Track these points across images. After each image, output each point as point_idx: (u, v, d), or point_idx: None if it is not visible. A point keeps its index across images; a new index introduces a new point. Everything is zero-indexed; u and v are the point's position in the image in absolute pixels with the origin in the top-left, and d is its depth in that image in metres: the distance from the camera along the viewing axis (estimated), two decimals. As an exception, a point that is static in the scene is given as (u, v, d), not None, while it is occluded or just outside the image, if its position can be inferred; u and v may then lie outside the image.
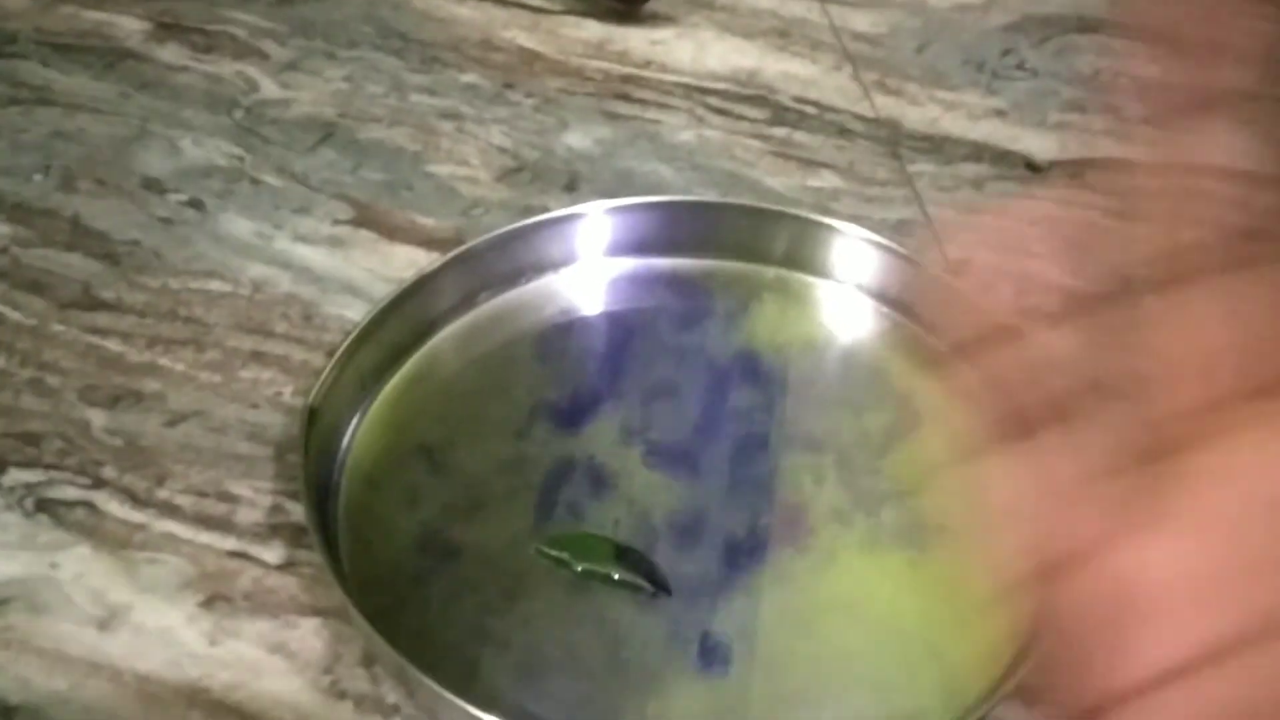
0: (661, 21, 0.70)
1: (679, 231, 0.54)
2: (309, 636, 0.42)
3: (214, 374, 0.50)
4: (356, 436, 0.48)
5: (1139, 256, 0.26)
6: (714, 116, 0.63)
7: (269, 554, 0.44)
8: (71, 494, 0.46)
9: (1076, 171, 0.61)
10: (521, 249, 0.53)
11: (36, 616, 0.42)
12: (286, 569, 0.44)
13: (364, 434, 0.48)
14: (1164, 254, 0.26)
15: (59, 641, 0.42)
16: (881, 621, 0.42)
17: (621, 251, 0.54)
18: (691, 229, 0.54)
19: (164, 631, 0.42)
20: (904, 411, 0.48)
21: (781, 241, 0.54)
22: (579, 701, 0.40)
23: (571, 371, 0.50)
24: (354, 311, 0.52)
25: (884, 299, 0.52)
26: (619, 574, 0.43)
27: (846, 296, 0.53)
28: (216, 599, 0.43)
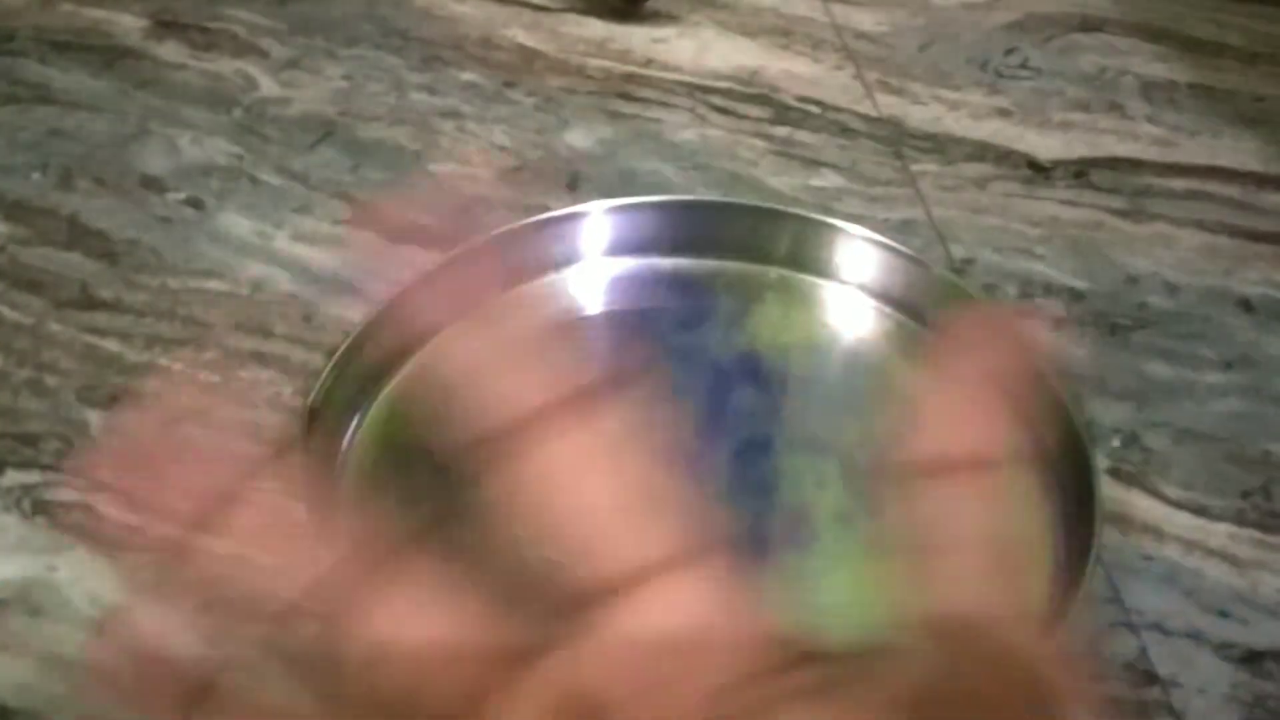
0: (663, 20, 0.69)
1: (681, 231, 0.54)
2: (308, 639, 0.42)
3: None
4: (356, 436, 0.47)
5: None
6: (716, 115, 0.63)
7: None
8: (69, 496, 0.46)
9: (1080, 170, 0.61)
10: (522, 249, 0.53)
11: (34, 619, 0.42)
12: (286, 571, 0.44)
13: (364, 434, 0.47)
14: None
15: (57, 644, 0.41)
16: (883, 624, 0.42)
17: (623, 251, 0.54)
18: (693, 229, 0.54)
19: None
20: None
21: (784, 241, 0.54)
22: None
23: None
24: (354, 311, 0.52)
25: (887, 299, 0.52)
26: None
27: (849, 297, 0.53)
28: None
